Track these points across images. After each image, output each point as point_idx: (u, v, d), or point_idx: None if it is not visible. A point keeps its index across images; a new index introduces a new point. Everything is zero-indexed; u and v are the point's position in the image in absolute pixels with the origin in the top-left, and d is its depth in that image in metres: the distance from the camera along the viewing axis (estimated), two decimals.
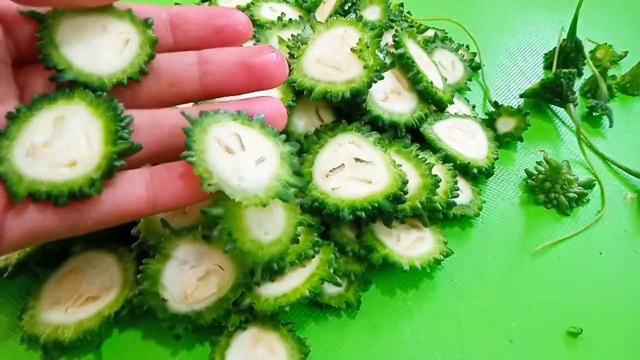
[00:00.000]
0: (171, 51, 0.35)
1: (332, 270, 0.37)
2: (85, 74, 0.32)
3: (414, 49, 0.48)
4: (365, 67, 0.40)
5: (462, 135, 0.49)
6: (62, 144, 0.31)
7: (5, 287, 0.40)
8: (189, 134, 0.30)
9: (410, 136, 0.46)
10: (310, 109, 0.45)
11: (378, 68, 0.41)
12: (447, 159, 0.46)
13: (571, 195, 0.47)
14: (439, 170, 0.44)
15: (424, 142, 0.47)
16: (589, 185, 0.49)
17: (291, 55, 0.45)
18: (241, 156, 0.31)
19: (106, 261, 0.39)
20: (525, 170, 0.50)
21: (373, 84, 0.41)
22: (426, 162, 0.42)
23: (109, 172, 0.30)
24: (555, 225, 0.46)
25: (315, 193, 0.39)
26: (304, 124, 0.44)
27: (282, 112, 0.35)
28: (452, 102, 0.49)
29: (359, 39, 0.42)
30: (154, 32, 0.34)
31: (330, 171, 0.40)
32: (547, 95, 0.55)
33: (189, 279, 0.34)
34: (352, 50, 0.41)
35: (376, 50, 0.41)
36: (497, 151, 0.49)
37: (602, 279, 0.42)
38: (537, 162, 0.49)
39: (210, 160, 0.30)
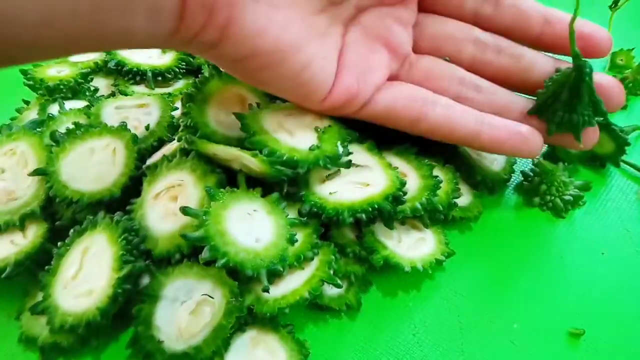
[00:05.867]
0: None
1: (332, 272, 0.37)
2: (96, 193, 0.38)
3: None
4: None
5: None
6: (83, 274, 0.34)
7: (3, 287, 0.40)
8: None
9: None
10: None
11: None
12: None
13: (567, 197, 0.46)
14: (440, 171, 0.44)
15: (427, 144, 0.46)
16: (584, 188, 0.48)
17: None
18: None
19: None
20: (521, 171, 0.49)
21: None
22: (427, 163, 0.42)
23: (114, 299, 0.33)
24: (555, 226, 0.46)
25: (314, 198, 0.38)
26: None
27: None
28: None
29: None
30: (129, 130, 0.40)
31: (327, 176, 0.40)
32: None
33: (181, 315, 0.34)
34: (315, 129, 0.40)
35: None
36: None
37: (604, 279, 0.42)
38: (533, 164, 0.49)
39: None
